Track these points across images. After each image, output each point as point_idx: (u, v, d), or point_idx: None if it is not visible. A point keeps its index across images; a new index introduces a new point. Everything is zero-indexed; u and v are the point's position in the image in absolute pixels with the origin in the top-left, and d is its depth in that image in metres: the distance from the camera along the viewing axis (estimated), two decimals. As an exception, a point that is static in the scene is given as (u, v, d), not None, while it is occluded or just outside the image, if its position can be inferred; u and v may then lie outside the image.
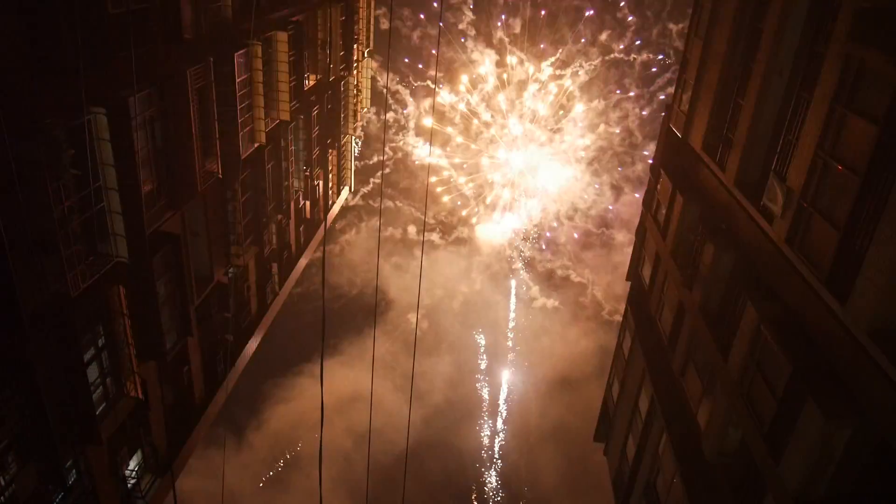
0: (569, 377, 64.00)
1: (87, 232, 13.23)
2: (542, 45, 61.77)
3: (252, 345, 25.22)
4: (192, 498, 50.75)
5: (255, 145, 20.93)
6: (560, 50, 61.34)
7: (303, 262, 30.95)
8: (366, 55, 33.40)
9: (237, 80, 18.72)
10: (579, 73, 61.11)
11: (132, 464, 17.09)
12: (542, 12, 60.55)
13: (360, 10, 30.85)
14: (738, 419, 12.52)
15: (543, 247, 68.09)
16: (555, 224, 66.93)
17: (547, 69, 62.01)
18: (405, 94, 63.30)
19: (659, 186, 19.25)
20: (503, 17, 61.11)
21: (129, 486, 16.92)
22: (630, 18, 59.90)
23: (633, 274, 21.78)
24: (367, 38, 33.02)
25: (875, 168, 9.13)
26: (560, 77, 62.12)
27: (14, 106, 10.99)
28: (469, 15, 60.82)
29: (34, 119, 11.31)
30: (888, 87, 9.04)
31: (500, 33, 61.61)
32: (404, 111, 63.32)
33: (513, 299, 69.75)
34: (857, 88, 9.99)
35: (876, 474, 9.29)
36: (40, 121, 11.39)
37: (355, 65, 31.63)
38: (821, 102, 10.86)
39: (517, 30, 61.35)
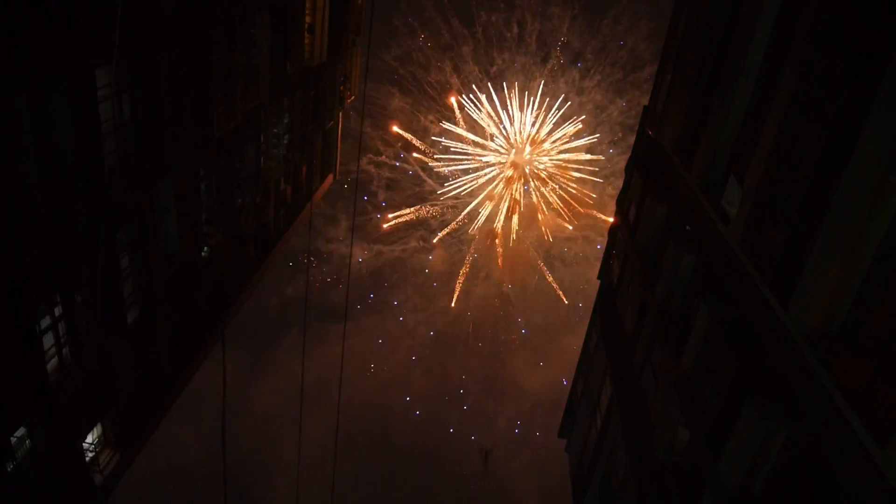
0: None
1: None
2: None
3: (225, 323, 25.13)
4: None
5: (231, 125, 20.85)
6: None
7: (282, 244, 30.87)
8: (355, 43, 33.28)
9: (214, 57, 18.61)
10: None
11: (90, 437, 17.03)
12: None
13: (351, -5, 30.74)
14: (687, 418, 12.60)
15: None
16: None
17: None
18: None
19: (631, 186, 19.29)
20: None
21: (86, 459, 16.88)
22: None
23: (604, 273, 21.84)
24: (358, 26, 32.87)
25: (820, 172, 9.18)
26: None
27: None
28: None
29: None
30: (837, 91, 9.09)
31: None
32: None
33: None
34: (812, 93, 10.02)
35: (811, 476, 9.37)
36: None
37: (344, 52, 31.52)
38: (779, 106, 10.89)
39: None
